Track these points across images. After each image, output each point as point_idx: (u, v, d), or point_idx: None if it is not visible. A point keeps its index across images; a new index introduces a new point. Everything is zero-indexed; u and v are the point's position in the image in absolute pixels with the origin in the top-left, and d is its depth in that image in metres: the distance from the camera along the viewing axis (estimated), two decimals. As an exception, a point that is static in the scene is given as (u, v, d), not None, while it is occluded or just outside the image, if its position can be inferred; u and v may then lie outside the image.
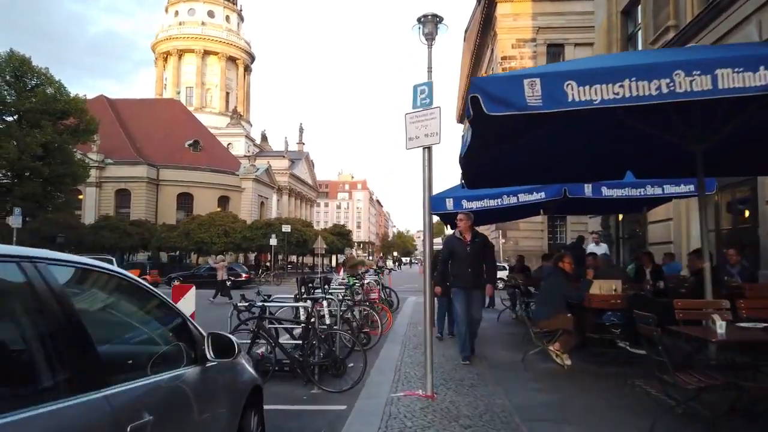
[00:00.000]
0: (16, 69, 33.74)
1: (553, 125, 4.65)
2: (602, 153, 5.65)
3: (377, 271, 13.93)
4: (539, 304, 6.21)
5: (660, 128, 4.55)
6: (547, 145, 5.55)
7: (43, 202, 34.04)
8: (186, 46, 75.13)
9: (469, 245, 6.16)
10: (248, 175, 56.99)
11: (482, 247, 6.33)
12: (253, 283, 27.51)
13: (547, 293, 6.00)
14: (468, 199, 7.38)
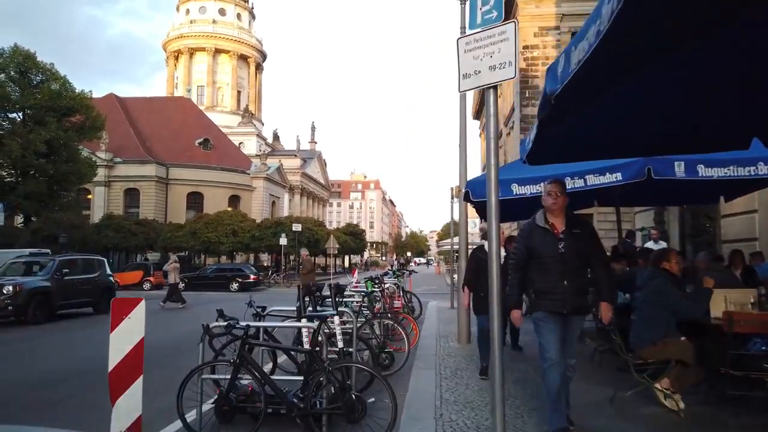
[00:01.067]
0: (20, 64, 32.77)
1: (657, 70, 3.11)
2: (720, 109, 3.97)
3: (396, 273, 12.29)
4: (639, 324, 4.41)
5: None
6: (641, 101, 3.89)
7: (48, 201, 33.02)
8: (197, 44, 74.24)
9: (563, 240, 3.80)
10: (259, 174, 55.79)
11: (587, 241, 4.00)
12: (262, 285, 26.13)
13: (649, 309, 4.25)
14: (520, 183, 5.81)
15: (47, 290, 12.18)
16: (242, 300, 18.40)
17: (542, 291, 3.80)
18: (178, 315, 14.72)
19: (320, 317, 3.99)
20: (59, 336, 10.49)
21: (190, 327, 11.75)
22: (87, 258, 14.72)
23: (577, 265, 3.81)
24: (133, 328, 3.24)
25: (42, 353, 8.65)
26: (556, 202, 3.93)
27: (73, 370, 7.23)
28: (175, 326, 12.11)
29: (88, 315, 13.86)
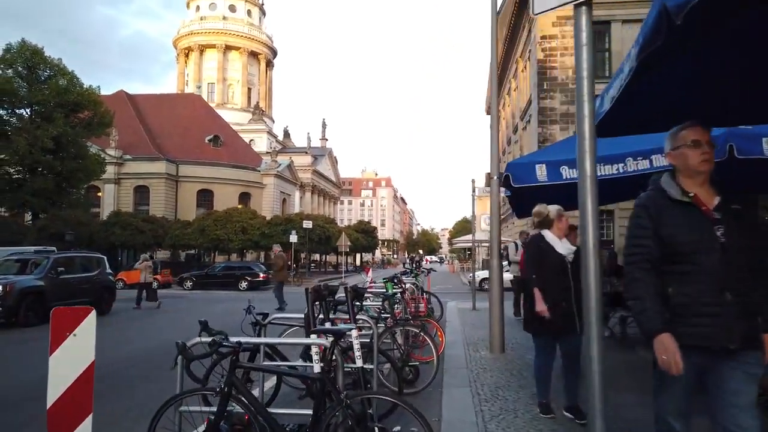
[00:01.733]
0: (28, 60, 32.32)
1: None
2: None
3: (413, 270, 11.33)
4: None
5: None
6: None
7: (56, 198, 32.55)
8: (207, 41, 73.77)
9: (721, 223, 2.38)
10: (270, 171, 55.14)
11: (753, 225, 2.76)
12: (271, 284, 25.33)
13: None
14: (571, 165, 4.88)
15: (41, 290, 11.38)
16: (245, 299, 17.57)
17: (683, 310, 2.35)
18: (174, 316, 13.93)
19: (336, 332, 3.08)
20: None
21: (186, 332, 10.96)
22: (85, 256, 13.95)
23: (743, 265, 2.35)
24: (81, 349, 2.37)
25: (29, 359, 7.84)
26: (708, 158, 2.45)
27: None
28: (169, 330, 11.30)
29: (87, 316, 13.11)
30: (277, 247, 17.12)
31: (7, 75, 31.51)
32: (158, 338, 9.69)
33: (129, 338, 9.85)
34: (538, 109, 30.07)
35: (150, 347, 8.72)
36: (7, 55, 31.99)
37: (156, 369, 6.91)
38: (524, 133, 37.56)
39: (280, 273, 15.52)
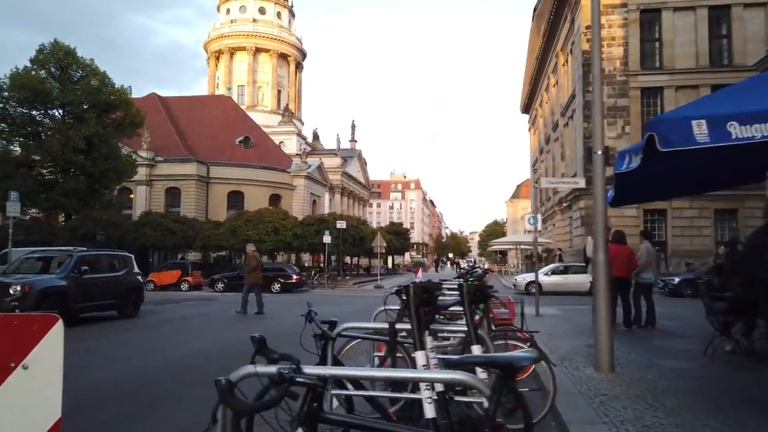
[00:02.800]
0: (60, 60, 32.22)
1: None
2: None
3: (470, 273, 9.98)
4: None
5: None
6: None
7: (88, 199, 32.30)
8: (237, 43, 73.92)
9: None
10: (300, 173, 54.50)
11: None
12: (305, 286, 24.33)
13: None
14: (743, 121, 3.52)
15: (63, 290, 10.48)
16: (283, 302, 16.47)
17: None
18: (207, 320, 12.92)
19: (507, 364, 1.80)
20: (73, 345, 8.74)
21: (224, 339, 9.86)
22: (111, 254, 13.08)
23: None
24: (35, 394, 1.19)
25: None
26: None
27: (87, 392, 5.38)
28: (203, 336, 10.25)
29: (112, 319, 12.20)
30: (251, 247, 15.76)
31: (40, 76, 31.40)
32: (191, 345, 8.62)
33: (158, 346, 8.82)
34: (583, 103, 28.45)
35: (183, 355, 7.65)
36: (40, 55, 31.92)
37: (187, 387, 5.80)
38: (565, 130, 35.87)
39: (253, 274, 14.18)
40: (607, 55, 27.94)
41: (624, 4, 27.97)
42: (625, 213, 27.51)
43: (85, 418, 4.44)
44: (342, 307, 15.66)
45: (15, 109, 31.78)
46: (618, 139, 27.70)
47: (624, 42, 27.84)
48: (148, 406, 5.06)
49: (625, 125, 27.67)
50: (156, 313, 13.74)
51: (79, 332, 10.32)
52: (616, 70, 27.80)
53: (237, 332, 10.38)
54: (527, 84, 50.26)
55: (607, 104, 27.75)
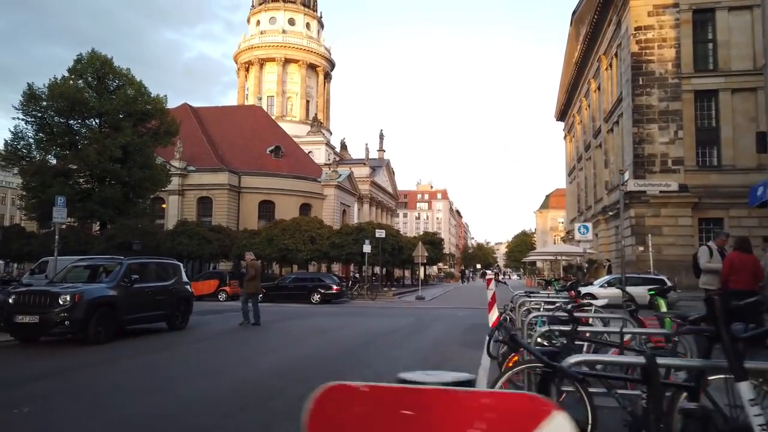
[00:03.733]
0: (98, 70, 32.34)
1: None
2: None
3: (568, 287, 8.89)
4: None
5: None
6: None
7: (123, 208, 32.20)
8: (267, 54, 74.37)
9: None
10: (330, 182, 54.07)
11: None
12: (344, 297, 23.56)
13: None
14: None
15: (113, 301, 9.73)
16: (327, 313, 15.56)
17: None
18: (260, 333, 12.16)
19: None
20: (130, 362, 7.96)
21: (285, 354, 9.04)
22: (161, 262, 12.34)
23: None
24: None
25: (107, 390, 6.11)
26: None
27: (158, 419, 4.63)
28: (265, 352, 9.47)
29: (161, 332, 11.48)
30: (250, 255, 14.96)
31: (78, 85, 31.53)
32: (253, 366, 7.81)
33: (216, 366, 7.93)
34: (632, 107, 27.24)
35: (245, 378, 6.85)
36: (78, 65, 32.10)
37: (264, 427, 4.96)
38: (609, 136, 34.56)
39: (252, 283, 13.33)
40: (657, 57, 26.79)
41: (676, 4, 26.80)
42: (679, 222, 26.18)
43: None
44: (398, 319, 14.81)
45: (53, 119, 31.97)
46: (671, 144, 26.47)
47: (676, 43, 26.63)
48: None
49: (679, 130, 26.38)
50: (203, 325, 13.03)
51: (131, 345, 9.65)
52: (668, 73, 26.59)
53: (298, 346, 9.61)
54: (564, 90, 49.05)
55: (659, 108, 26.55)
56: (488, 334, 7.84)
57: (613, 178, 33.47)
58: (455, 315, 16.66)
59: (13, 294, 9.49)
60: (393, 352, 8.70)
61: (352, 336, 10.94)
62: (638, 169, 26.65)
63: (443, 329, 12.27)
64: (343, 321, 14.31)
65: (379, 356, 8.15)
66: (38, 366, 7.63)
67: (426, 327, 12.65)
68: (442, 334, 11.40)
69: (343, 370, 7.07)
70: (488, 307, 10.47)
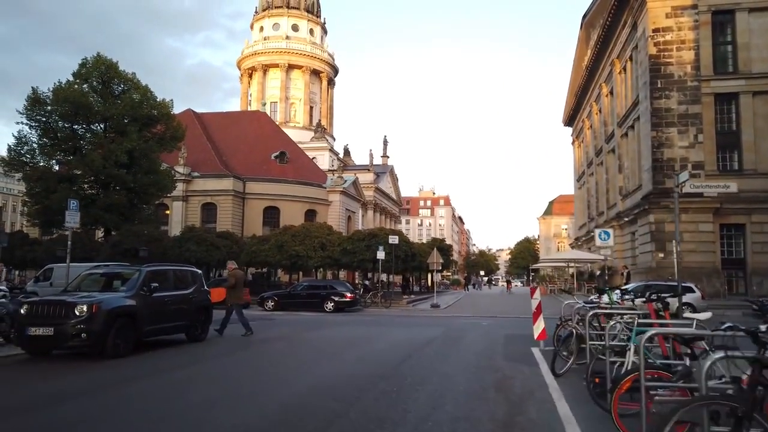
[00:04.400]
0: (103, 74, 31.83)
1: None
2: None
3: (648, 298, 8.12)
4: None
5: None
6: None
7: (128, 214, 31.56)
8: (271, 60, 74.14)
9: None
10: (336, 188, 53.50)
11: None
12: (358, 305, 22.87)
13: None
14: None
15: (132, 311, 9.02)
16: (346, 323, 14.90)
17: None
18: (286, 346, 11.49)
19: None
20: (155, 381, 7.19)
21: (322, 371, 8.36)
22: (180, 269, 11.57)
23: None
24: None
25: (138, 418, 5.43)
26: None
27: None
28: (303, 369, 8.78)
29: (181, 343, 10.74)
30: (232, 264, 14.30)
31: (83, 89, 30.97)
32: (292, 386, 7.09)
33: (251, 386, 7.02)
34: (651, 110, 26.64)
35: (286, 401, 6.15)
36: (82, 69, 31.60)
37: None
38: (623, 141, 33.94)
39: (234, 293, 12.68)
40: (676, 60, 26.25)
41: (694, 5, 26.29)
42: (700, 228, 25.53)
43: None
44: (425, 330, 14.07)
45: (57, 124, 31.41)
46: (690, 148, 25.88)
47: (695, 45, 26.10)
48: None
49: (698, 133, 25.80)
50: (222, 336, 12.32)
51: (151, 360, 8.94)
52: (687, 75, 26.03)
53: (333, 361, 8.92)
54: (572, 95, 48.54)
55: (678, 111, 25.98)
56: (554, 351, 7.13)
57: (628, 184, 32.87)
58: (480, 325, 15.97)
59: (25, 304, 8.80)
60: (441, 367, 7.99)
61: (386, 349, 10.24)
62: (657, 174, 26.05)
63: (479, 341, 11.57)
64: (368, 332, 13.55)
65: (430, 373, 7.45)
66: (55, 385, 6.96)
67: (459, 338, 11.93)
68: (481, 346, 10.70)
69: (399, 389, 6.38)
70: (533, 318, 9.82)
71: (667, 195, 25.81)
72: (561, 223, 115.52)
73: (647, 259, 26.57)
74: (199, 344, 10.79)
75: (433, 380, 6.87)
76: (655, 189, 26.07)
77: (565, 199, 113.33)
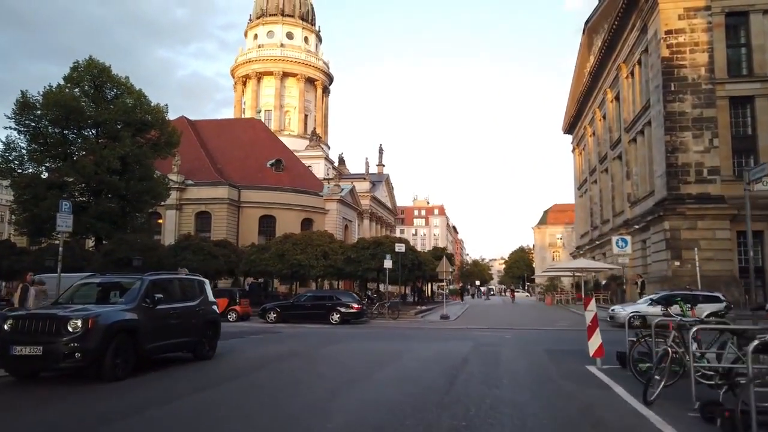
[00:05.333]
0: (95, 78, 30.67)
1: None
2: None
3: (674, 300, 7.31)
4: None
5: None
6: None
7: (120, 223, 30.27)
8: (265, 68, 73.39)
9: None
10: (333, 196, 52.45)
11: None
12: (365, 317, 21.72)
13: None
14: None
15: (133, 326, 7.84)
16: (359, 336, 13.80)
17: None
18: (306, 364, 10.35)
19: None
20: (164, 411, 6.02)
21: (366, 396, 7.22)
22: (185, 278, 10.30)
23: None
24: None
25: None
26: None
27: None
28: (336, 389, 7.65)
29: (186, 362, 9.59)
30: (184, 271, 13.15)
31: (75, 94, 29.77)
32: (331, 417, 5.74)
33: (281, 418, 5.80)
34: (664, 114, 25.87)
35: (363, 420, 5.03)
36: (74, 73, 30.45)
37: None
38: (631, 147, 33.21)
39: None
40: (689, 62, 25.56)
41: (707, 6, 25.66)
42: (717, 235, 24.70)
43: None
44: (451, 344, 12.89)
45: (47, 129, 30.15)
46: (705, 153, 25.10)
47: (709, 47, 25.43)
48: None
49: (713, 138, 25.05)
50: (229, 352, 11.03)
51: (156, 383, 7.79)
52: (700, 78, 25.34)
53: (366, 384, 7.79)
54: (573, 102, 47.93)
55: (692, 115, 25.25)
56: (649, 376, 5.97)
57: (637, 190, 32.08)
58: (504, 338, 14.84)
59: (9, 318, 7.60)
60: (501, 391, 6.78)
61: (420, 367, 9.08)
62: (672, 179, 25.24)
63: (519, 358, 10.43)
64: (389, 347, 12.34)
65: (494, 400, 6.24)
66: (44, 416, 5.82)
67: (495, 355, 10.77)
68: (525, 364, 9.58)
69: (469, 424, 5.22)
70: (588, 332, 8.76)
71: (682, 201, 25.04)
72: (556, 233, 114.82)
73: (662, 268, 25.67)
74: (208, 363, 9.61)
75: (503, 409, 5.76)
76: (670, 195, 25.24)
77: (560, 208, 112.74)
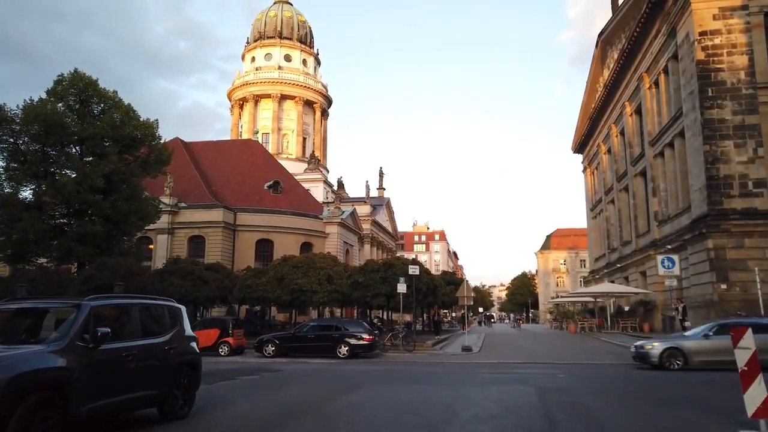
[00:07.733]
0: (80, 92, 28.42)
1: None
2: None
3: None
4: None
5: None
6: None
7: (104, 246, 27.58)
8: (263, 91, 72.00)
9: None
10: (333, 219, 49.96)
11: None
12: (377, 350, 18.92)
13: None
14: None
15: (60, 378, 5.19)
16: (378, 377, 12.34)
17: None
18: (323, 424, 7.59)
19: None
20: None
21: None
22: (150, 304, 7.22)
23: None
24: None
25: None
26: None
27: None
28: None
29: (151, 425, 6.78)
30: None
31: (58, 108, 27.42)
32: None
33: None
34: (702, 121, 23.60)
35: None
36: (58, 87, 28.18)
37: None
38: (657, 162, 30.87)
39: None
40: (728, 65, 23.39)
41: (745, 5, 23.63)
42: (752, 255, 22.17)
43: None
44: (507, 390, 9.91)
45: (27, 146, 27.73)
46: (750, 163, 22.73)
47: (748, 49, 23.30)
48: None
49: (758, 147, 22.72)
50: (214, 404, 8.05)
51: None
52: (740, 83, 23.14)
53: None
54: (585, 119, 45.88)
55: (733, 122, 22.95)
56: None
57: (666, 208, 29.63)
58: (557, 377, 12.09)
59: None
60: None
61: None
62: (713, 193, 22.79)
63: (617, 411, 7.66)
64: (432, 395, 9.11)
65: None
66: None
67: (583, 408, 7.76)
68: (635, 422, 6.86)
69: None
70: (742, 380, 6.03)
71: (726, 217, 22.57)
72: (560, 258, 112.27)
73: (705, 291, 23.01)
74: (180, 425, 6.81)
75: None
76: (712, 210, 22.76)
77: (563, 233, 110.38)
